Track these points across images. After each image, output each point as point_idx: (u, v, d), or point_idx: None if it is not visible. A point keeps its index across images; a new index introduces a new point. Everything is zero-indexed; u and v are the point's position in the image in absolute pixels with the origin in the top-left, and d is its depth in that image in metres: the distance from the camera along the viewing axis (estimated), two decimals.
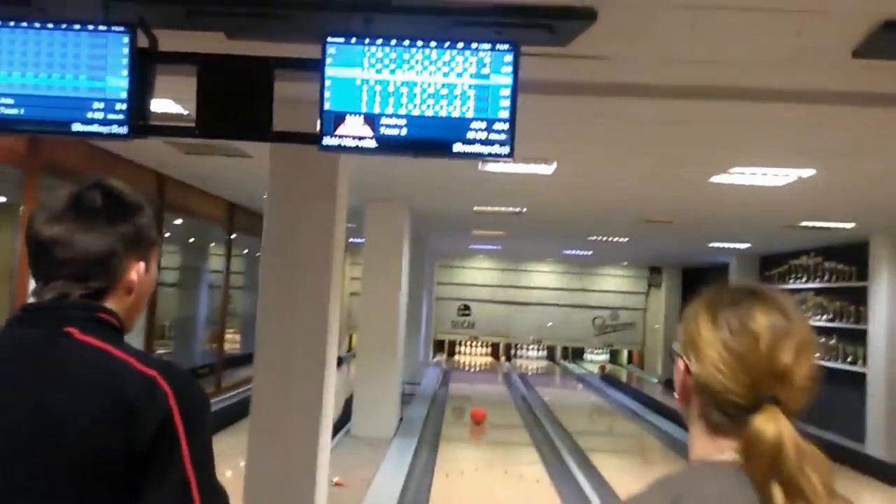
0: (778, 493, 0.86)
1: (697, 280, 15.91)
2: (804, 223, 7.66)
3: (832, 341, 9.40)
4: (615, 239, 10.59)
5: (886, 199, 6.11)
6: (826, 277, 9.72)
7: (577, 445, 7.67)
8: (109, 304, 1.09)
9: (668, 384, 14.44)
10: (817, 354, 1.00)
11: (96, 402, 0.98)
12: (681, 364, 1.00)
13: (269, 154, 3.86)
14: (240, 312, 10.17)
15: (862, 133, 3.97)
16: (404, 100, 2.72)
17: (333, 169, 3.82)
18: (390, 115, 2.72)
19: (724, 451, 0.93)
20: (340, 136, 2.69)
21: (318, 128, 2.65)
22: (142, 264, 1.12)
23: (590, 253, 14.11)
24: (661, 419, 9.64)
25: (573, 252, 14.25)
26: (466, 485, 6.01)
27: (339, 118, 2.68)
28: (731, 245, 10.78)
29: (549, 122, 4.03)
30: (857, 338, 8.64)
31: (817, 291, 9.94)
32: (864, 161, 4.69)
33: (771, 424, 0.89)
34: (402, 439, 7.19)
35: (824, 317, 9.65)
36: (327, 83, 2.60)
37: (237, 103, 2.65)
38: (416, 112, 2.72)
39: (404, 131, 2.73)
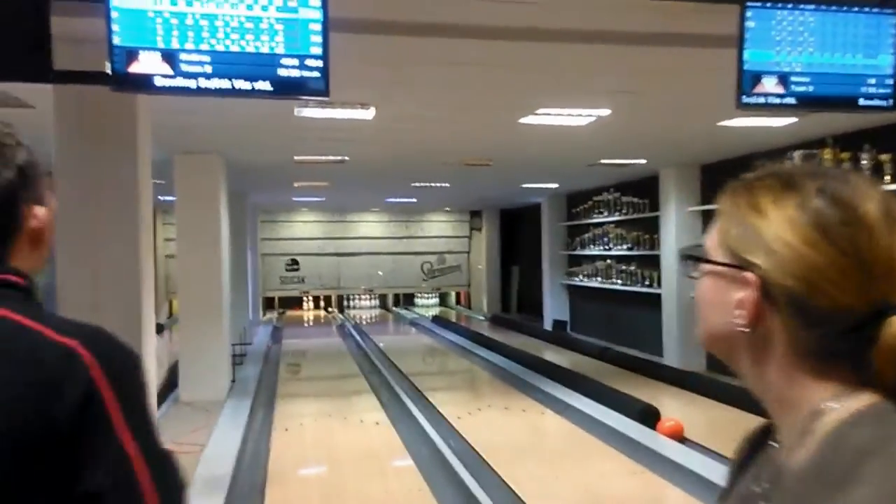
0: None
1: (514, 220, 16.81)
2: (603, 161, 8.29)
3: (632, 267, 10.39)
4: (438, 184, 10.82)
5: (671, 136, 6.76)
6: (624, 210, 10.64)
7: (413, 386, 7.90)
8: (13, 262, 0.93)
9: (494, 320, 15.26)
10: None
11: (7, 380, 0.84)
12: (742, 279, 0.69)
13: (54, 101, 3.45)
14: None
15: (648, 73, 4.32)
16: (205, 34, 2.54)
17: (131, 115, 3.50)
18: (191, 51, 2.53)
19: (856, 393, 0.66)
20: (135, 75, 2.47)
21: (109, 67, 2.41)
22: (39, 208, 0.96)
23: (414, 200, 14.32)
24: (488, 352, 10.16)
25: (398, 200, 14.39)
26: (307, 435, 5.99)
27: (132, 54, 2.45)
28: (542, 185, 11.44)
29: (365, 65, 3.97)
30: (653, 263, 9.60)
31: (617, 224, 10.88)
32: (651, 100, 5.13)
33: None
34: (235, 400, 6.97)
35: (624, 246, 10.61)
36: (114, 15, 2.36)
37: (6, 40, 2.33)
38: (220, 48, 2.56)
39: (209, 69, 2.56)
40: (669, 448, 5.19)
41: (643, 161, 8.40)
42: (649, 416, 5.96)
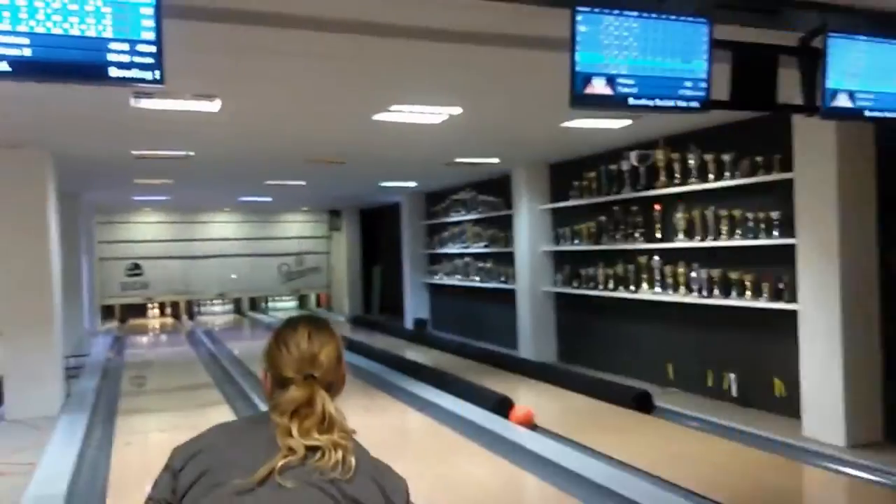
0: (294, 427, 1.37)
1: (374, 220, 16.79)
2: (458, 160, 8.49)
3: (489, 265, 10.72)
4: (292, 182, 10.58)
5: (519, 135, 7.04)
6: (481, 209, 10.95)
7: None
8: None
9: (356, 321, 15.15)
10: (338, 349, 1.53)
11: None
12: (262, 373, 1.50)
13: None
14: None
15: (496, 73, 4.46)
16: (23, 14, 2.33)
17: None
18: (7, 33, 2.32)
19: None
20: None
21: None
22: None
23: (269, 199, 13.91)
24: (351, 354, 10.02)
25: (251, 199, 13.91)
26: (152, 449, 5.63)
27: None
28: (401, 184, 11.52)
29: (206, 54, 3.81)
30: (508, 260, 9.95)
31: (475, 222, 11.18)
32: (500, 100, 5.31)
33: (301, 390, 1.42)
34: (70, 416, 6.42)
35: (482, 244, 10.92)
36: None
37: None
38: (40, 29, 2.35)
39: (27, 51, 2.35)
40: (523, 436, 5.40)
41: (496, 160, 8.68)
42: (504, 407, 6.17)
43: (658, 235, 7.17)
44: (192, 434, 1.44)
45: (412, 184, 11.57)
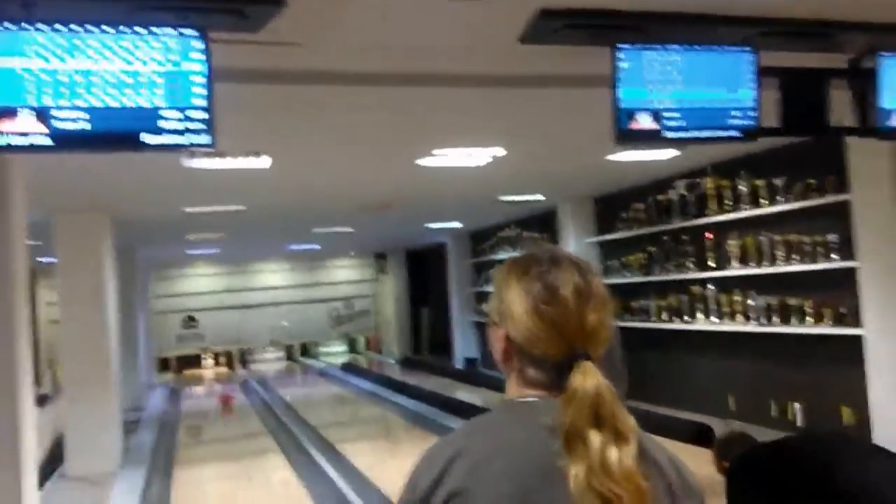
0: (595, 437, 0.97)
1: (420, 261, 16.86)
2: (503, 198, 8.49)
3: None
4: (340, 229, 10.73)
5: (564, 171, 7.01)
6: (526, 245, 10.91)
7: (323, 439, 7.66)
8: None
9: (405, 363, 15.12)
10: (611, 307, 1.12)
11: None
12: (500, 332, 1.10)
13: None
14: None
15: (537, 113, 4.47)
16: (80, 90, 2.44)
17: (3, 175, 3.28)
18: (64, 108, 2.42)
19: (527, 396, 1.08)
20: (5, 134, 2.33)
21: None
22: None
23: (317, 246, 14.12)
24: (402, 397, 10.04)
25: (300, 247, 14.14)
26: (207, 500, 5.67)
27: (2, 113, 2.32)
28: (446, 225, 11.57)
29: (256, 114, 3.91)
30: None
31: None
32: (542, 138, 5.31)
33: (589, 378, 1.00)
34: (129, 471, 6.54)
35: None
36: None
37: None
38: (97, 103, 2.45)
39: (85, 125, 2.45)
40: None
41: (541, 197, 8.66)
42: None
43: (711, 264, 7.01)
44: (246, 485, 1.31)
45: (457, 224, 11.61)
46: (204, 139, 2.52)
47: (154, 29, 2.45)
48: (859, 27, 3.12)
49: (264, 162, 5.04)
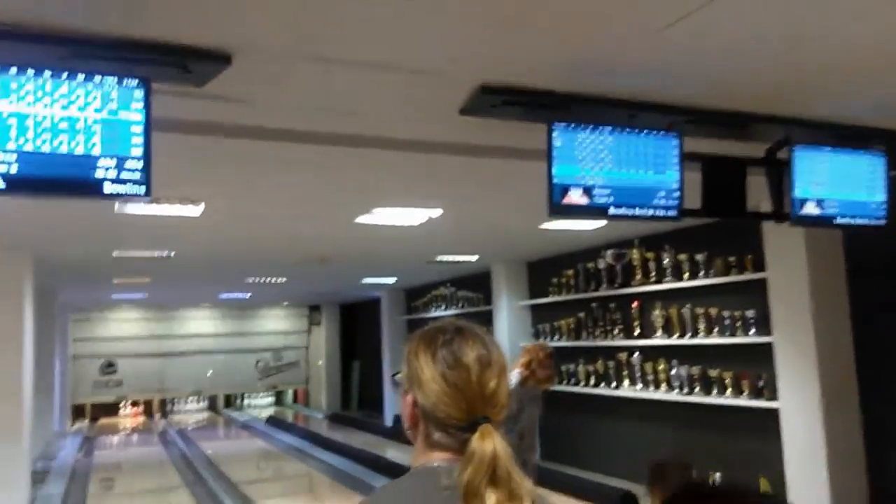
0: (491, 495, 1.04)
1: (354, 314, 16.70)
2: (439, 257, 8.57)
3: None
4: (273, 280, 10.57)
5: (499, 235, 7.16)
6: (461, 304, 10.96)
7: (244, 496, 7.37)
8: None
9: (334, 418, 14.78)
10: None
11: None
12: (409, 398, 1.18)
13: None
14: None
15: (474, 180, 4.60)
16: (13, 133, 2.39)
17: None
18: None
19: (433, 461, 1.14)
20: None
21: None
22: None
23: (248, 295, 13.84)
24: (328, 454, 9.78)
25: (231, 295, 13.83)
26: None
27: None
28: (381, 280, 11.54)
29: (192, 163, 3.88)
30: None
31: (455, 317, 11.12)
32: (477, 203, 5.44)
33: (488, 441, 1.08)
34: None
35: None
36: None
37: None
38: (28, 147, 2.40)
39: (15, 168, 2.39)
40: None
41: (475, 258, 8.78)
42: None
43: (637, 332, 7.20)
44: None
45: (392, 280, 11.60)
46: (139, 189, 2.50)
47: (95, 77, 2.44)
48: (776, 120, 3.37)
49: (197, 210, 4.97)
